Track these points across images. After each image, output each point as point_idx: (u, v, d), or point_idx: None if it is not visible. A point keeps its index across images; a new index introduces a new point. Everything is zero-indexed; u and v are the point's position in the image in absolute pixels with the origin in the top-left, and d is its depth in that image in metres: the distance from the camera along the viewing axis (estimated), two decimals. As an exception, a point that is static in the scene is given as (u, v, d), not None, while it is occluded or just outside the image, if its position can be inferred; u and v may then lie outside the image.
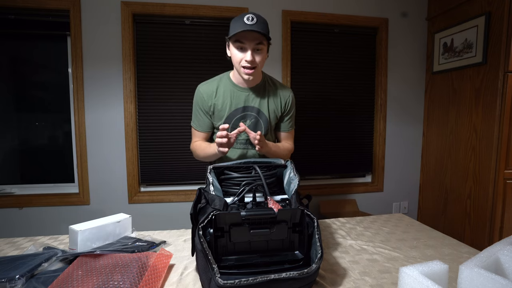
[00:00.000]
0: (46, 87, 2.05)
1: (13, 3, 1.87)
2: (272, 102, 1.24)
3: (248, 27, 1.00)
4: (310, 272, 0.69)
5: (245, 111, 1.21)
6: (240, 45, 1.06)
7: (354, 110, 2.39)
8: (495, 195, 1.84)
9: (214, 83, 1.23)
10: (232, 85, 1.21)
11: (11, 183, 2.05)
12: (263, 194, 0.83)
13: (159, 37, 2.06)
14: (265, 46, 1.09)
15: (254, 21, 1.02)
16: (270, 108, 1.23)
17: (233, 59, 1.11)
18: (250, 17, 1.02)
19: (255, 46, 1.05)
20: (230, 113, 1.21)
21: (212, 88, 1.21)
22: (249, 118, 1.23)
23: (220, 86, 1.22)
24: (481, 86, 1.92)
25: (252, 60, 1.06)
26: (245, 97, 1.21)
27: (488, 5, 1.85)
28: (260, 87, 1.22)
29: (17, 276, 0.70)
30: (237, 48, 1.07)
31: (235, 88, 1.21)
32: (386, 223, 1.25)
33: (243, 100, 1.20)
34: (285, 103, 1.26)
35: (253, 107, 1.22)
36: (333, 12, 2.24)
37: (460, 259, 0.91)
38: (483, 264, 0.63)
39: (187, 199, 2.15)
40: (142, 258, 0.79)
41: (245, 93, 1.21)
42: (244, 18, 1.02)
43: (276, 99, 1.24)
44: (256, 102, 1.22)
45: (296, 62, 2.24)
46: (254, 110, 1.22)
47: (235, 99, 1.20)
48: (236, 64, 1.11)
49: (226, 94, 1.20)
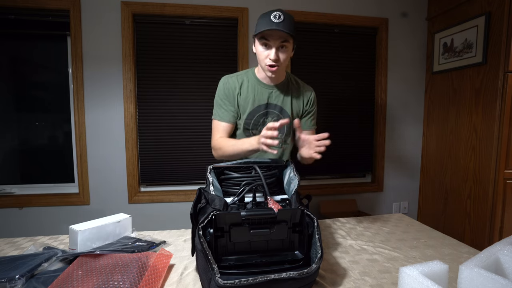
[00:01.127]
0: (46, 87, 2.05)
1: (13, 3, 1.87)
2: (295, 100, 1.23)
3: (274, 25, 1.01)
4: (310, 272, 0.69)
5: (268, 108, 1.21)
6: (265, 42, 1.07)
7: (354, 110, 2.39)
8: (495, 195, 1.84)
9: (239, 77, 1.22)
10: (256, 81, 1.21)
11: (11, 183, 2.05)
12: (263, 194, 0.83)
13: (159, 37, 2.06)
14: (291, 44, 1.09)
15: (281, 19, 1.02)
16: (294, 106, 1.23)
17: (258, 56, 1.11)
18: (277, 14, 1.02)
19: (280, 44, 1.06)
20: (253, 109, 1.20)
21: (237, 82, 1.21)
22: (271, 116, 1.21)
23: (244, 80, 1.21)
24: (481, 86, 1.92)
25: (276, 59, 1.06)
26: (268, 94, 1.20)
27: (488, 5, 1.85)
28: (283, 85, 1.22)
29: (17, 276, 0.70)
30: (262, 45, 1.08)
31: (259, 84, 1.20)
32: (386, 223, 1.25)
33: (266, 97, 1.20)
34: (307, 102, 1.25)
35: (275, 104, 1.21)
36: (333, 12, 2.24)
37: (460, 259, 0.91)
38: (483, 264, 0.63)
39: (187, 199, 2.15)
40: (142, 258, 0.79)
41: (269, 90, 1.20)
42: (271, 15, 1.03)
43: (299, 97, 1.24)
44: (279, 100, 1.21)
45: (296, 62, 2.24)
46: (276, 108, 1.21)
47: (259, 95, 1.20)
48: (261, 61, 1.11)
49: (250, 90, 1.20)
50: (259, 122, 1.21)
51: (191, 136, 2.14)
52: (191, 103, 2.12)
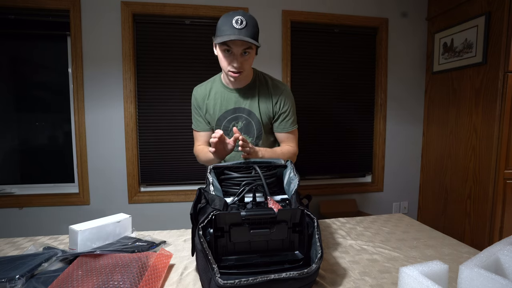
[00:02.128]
0: (46, 87, 2.05)
1: (13, 3, 1.87)
2: (263, 102, 1.17)
3: (236, 32, 0.96)
4: (310, 272, 0.69)
5: (235, 112, 1.18)
6: (227, 48, 1.01)
7: (354, 110, 2.39)
8: (495, 195, 1.84)
9: (207, 85, 1.22)
10: (222, 87, 1.19)
11: (11, 183, 2.05)
12: (263, 194, 0.82)
13: (159, 37, 2.06)
14: (253, 49, 1.04)
15: (243, 24, 0.96)
16: (261, 108, 1.17)
17: (220, 62, 1.06)
18: (239, 19, 0.96)
19: (243, 50, 1.01)
20: (221, 114, 1.19)
21: (205, 91, 1.21)
22: (241, 120, 1.20)
23: (212, 88, 1.20)
24: (481, 86, 1.92)
25: (239, 66, 1.02)
26: (235, 98, 1.17)
27: (488, 5, 1.85)
28: (250, 87, 1.17)
29: (17, 276, 0.70)
30: (224, 51, 1.02)
31: (225, 90, 1.18)
32: (386, 223, 1.25)
33: (233, 102, 1.18)
34: (277, 101, 1.18)
35: (243, 108, 1.18)
36: (333, 12, 2.24)
37: (460, 259, 0.91)
38: (483, 264, 0.63)
39: (187, 199, 2.15)
40: (142, 258, 0.79)
41: (235, 94, 1.17)
42: (233, 21, 0.96)
43: (267, 98, 1.17)
44: (246, 103, 1.17)
45: (296, 62, 2.24)
46: (245, 112, 1.18)
47: (225, 101, 1.18)
48: (224, 67, 1.07)
49: (217, 96, 1.19)
50: (229, 127, 1.20)
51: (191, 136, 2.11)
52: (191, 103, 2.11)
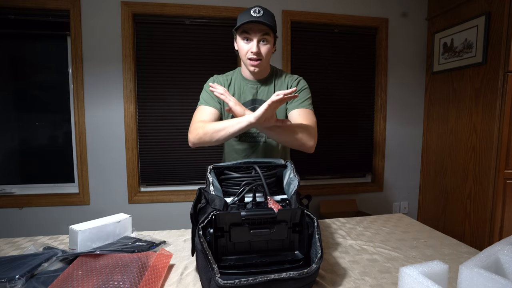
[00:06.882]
0: (46, 87, 2.05)
1: (13, 3, 1.87)
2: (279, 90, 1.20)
3: (254, 18, 1.02)
4: (310, 272, 0.69)
5: (254, 104, 1.21)
6: (246, 36, 1.07)
7: (354, 110, 2.39)
8: (495, 195, 1.84)
9: (228, 76, 1.24)
10: (241, 79, 1.22)
11: (11, 183, 2.05)
12: (263, 194, 0.82)
13: (159, 37, 2.06)
14: (272, 38, 1.09)
15: (260, 13, 1.03)
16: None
17: (240, 51, 1.12)
18: (257, 9, 1.04)
19: (261, 37, 1.06)
20: None
21: (226, 80, 1.23)
22: None
23: (232, 79, 1.23)
24: (481, 86, 1.92)
25: (258, 52, 1.07)
26: (253, 91, 1.21)
27: (488, 5, 1.85)
28: (267, 79, 1.22)
29: (17, 276, 0.70)
30: (243, 39, 1.09)
31: (244, 82, 1.22)
32: (386, 223, 1.25)
33: (251, 94, 1.21)
34: (291, 86, 1.21)
35: (261, 100, 1.21)
36: (333, 12, 2.24)
37: (460, 259, 0.91)
38: (483, 264, 0.63)
39: (187, 199, 2.15)
40: (142, 258, 0.79)
41: (253, 86, 1.21)
42: (251, 10, 1.04)
43: (283, 87, 1.22)
44: (264, 94, 1.21)
45: (296, 62, 2.24)
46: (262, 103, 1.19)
47: (244, 93, 1.21)
48: (243, 56, 1.11)
49: (236, 88, 1.21)
50: None
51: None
52: (191, 103, 2.12)
